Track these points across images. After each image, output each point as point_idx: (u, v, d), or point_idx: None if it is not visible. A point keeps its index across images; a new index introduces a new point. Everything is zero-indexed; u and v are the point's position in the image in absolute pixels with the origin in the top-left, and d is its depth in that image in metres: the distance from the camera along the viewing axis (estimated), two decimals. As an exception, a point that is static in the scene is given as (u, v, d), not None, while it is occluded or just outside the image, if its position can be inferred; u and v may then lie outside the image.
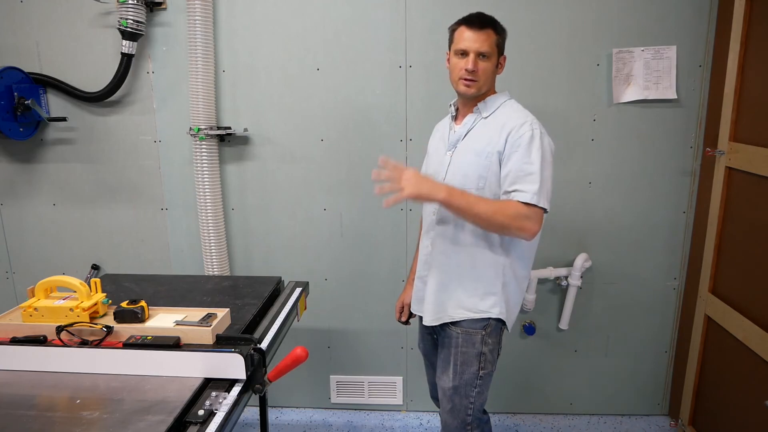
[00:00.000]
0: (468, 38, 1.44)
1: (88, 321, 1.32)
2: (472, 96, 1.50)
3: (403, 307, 1.83)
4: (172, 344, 1.26)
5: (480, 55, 1.44)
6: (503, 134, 1.44)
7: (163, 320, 1.36)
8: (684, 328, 2.27)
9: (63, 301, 1.36)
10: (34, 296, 1.38)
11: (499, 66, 1.51)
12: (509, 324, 1.59)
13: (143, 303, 1.35)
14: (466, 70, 1.45)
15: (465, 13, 1.50)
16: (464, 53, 1.46)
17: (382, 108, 2.19)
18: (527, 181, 1.39)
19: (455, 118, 1.61)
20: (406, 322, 1.86)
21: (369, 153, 2.23)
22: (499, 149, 1.44)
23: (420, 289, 1.67)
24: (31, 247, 2.44)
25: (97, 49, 2.20)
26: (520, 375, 2.44)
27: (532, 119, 1.45)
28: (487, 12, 1.50)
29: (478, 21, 1.45)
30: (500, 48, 1.49)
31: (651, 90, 2.09)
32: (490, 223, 1.40)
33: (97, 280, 1.42)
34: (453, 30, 1.51)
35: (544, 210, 1.40)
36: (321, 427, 2.42)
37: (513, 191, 1.39)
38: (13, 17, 2.20)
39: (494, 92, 1.55)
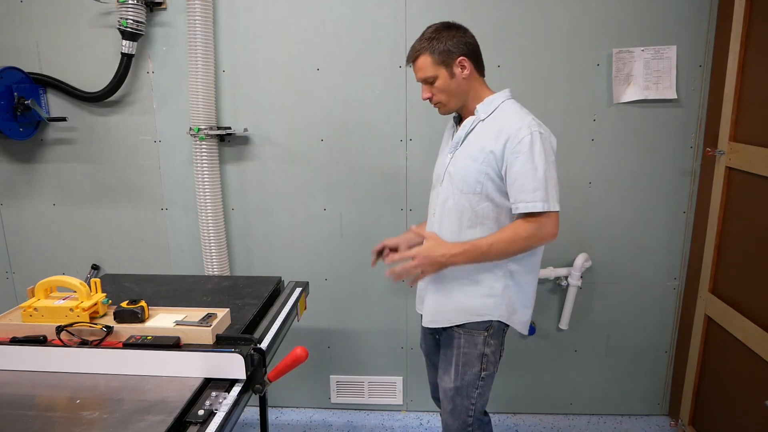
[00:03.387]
0: (414, 74, 1.52)
1: (88, 321, 1.32)
2: (449, 113, 1.56)
3: (383, 248, 1.72)
4: (172, 344, 1.26)
5: (426, 82, 1.50)
6: (500, 140, 1.42)
7: (163, 320, 1.36)
8: (684, 328, 2.27)
9: (63, 301, 1.36)
10: (34, 296, 1.38)
11: (460, 69, 1.46)
12: (518, 326, 1.58)
13: (143, 303, 1.36)
14: (424, 99, 1.53)
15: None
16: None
17: (382, 108, 2.19)
18: (534, 189, 1.38)
19: (459, 120, 1.61)
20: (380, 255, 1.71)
21: (369, 153, 2.23)
22: (495, 153, 1.42)
23: (422, 289, 1.67)
24: (31, 247, 2.44)
25: (97, 49, 2.20)
26: (520, 375, 2.44)
27: (529, 120, 1.42)
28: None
29: (410, 55, 1.51)
30: (445, 61, 1.45)
31: (651, 90, 2.09)
32: (512, 254, 1.46)
33: (97, 280, 1.42)
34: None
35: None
36: (321, 427, 2.42)
37: (521, 201, 1.40)
38: (13, 17, 2.20)
39: (489, 93, 1.53)
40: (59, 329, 1.29)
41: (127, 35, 2.09)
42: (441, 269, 1.47)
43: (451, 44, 1.45)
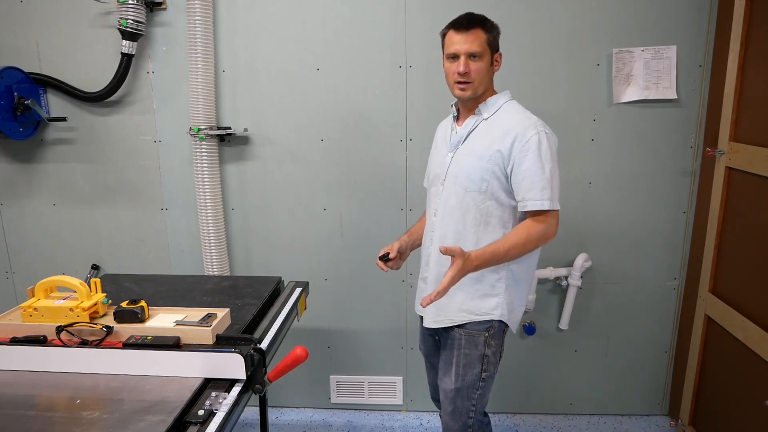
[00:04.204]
0: (457, 41, 1.44)
1: (88, 321, 1.32)
2: (469, 98, 1.49)
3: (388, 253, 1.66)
4: (172, 344, 1.26)
5: (471, 56, 1.43)
6: (508, 139, 1.43)
7: (163, 320, 1.36)
8: (684, 328, 2.27)
9: (63, 301, 1.36)
10: (34, 296, 1.38)
11: (495, 63, 1.49)
12: (513, 325, 1.59)
13: (143, 303, 1.36)
14: (458, 73, 1.44)
15: (464, 13, 1.50)
16: (455, 56, 1.45)
17: (382, 108, 2.19)
18: (542, 188, 1.40)
19: (457, 118, 1.61)
20: (384, 259, 1.65)
21: (369, 153, 2.23)
22: (502, 151, 1.43)
23: (423, 290, 1.67)
24: (31, 247, 2.44)
25: (97, 49, 2.20)
26: (520, 375, 2.44)
27: (535, 121, 1.45)
28: (487, 12, 1.50)
29: (466, 22, 1.44)
30: (492, 46, 1.47)
31: (651, 90, 2.09)
32: (524, 254, 1.45)
33: (97, 280, 1.42)
34: (443, 35, 1.51)
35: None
36: (321, 427, 2.42)
37: (530, 199, 1.41)
38: (13, 17, 2.20)
39: (494, 92, 1.55)
40: (59, 329, 1.29)
41: (127, 35, 2.09)
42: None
43: (497, 36, 1.49)
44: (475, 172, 1.47)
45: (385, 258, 1.65)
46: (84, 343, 1.29)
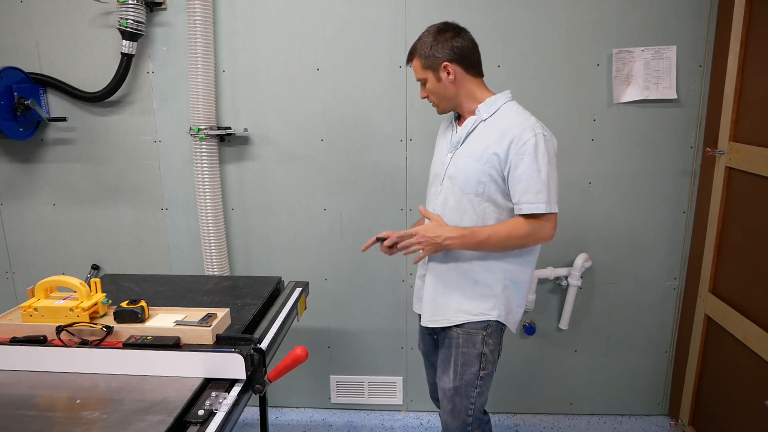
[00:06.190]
0: None
1: (88, 321, 1.32)
2: (443, 113, 1.59)
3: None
4: (172, 344, 1.26)
5: (420, 83, 1.55)
6: (505, 141, 1.43)
7: (163, 320, 1.36)
8: (684, 328, 2.27)
9: (63, 301, 1.36)
10: (34, 296, 1.38)
11: (447, 75, 1.47)
12: (512, 326, 1.59)
13: (143, 303, 1.36)
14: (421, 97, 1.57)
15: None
16: None
17: (382, 108, 2.19)
18: (538, 191, 1.40)
19: (458, 118, 1.61)
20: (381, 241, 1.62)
21: (369, 153, 2.23)
22: (499, 154, 1.43)
23: (420, 288, 1.68)
24: (31, 247, 2.44)
25: (97, 49, 2.20)
26: (520, 375, 2.44)
27: (533, 122, 1.44)
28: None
29: (407, 55, 1.56)
30: (431, 65, 1.48)
31: (651, 90, 2.09)
32: (506, 249, 1.48)
33: (97, 280, 1.42)
34: None
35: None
36: (321, 427, 2.42)
37: (525, 202, 1.42)
38: (13, 17, 2.20)
39: (489, 93, 1.53)
40: (59, 329, 1.29)
41: (127, 35, 2.09)
42: (438, 250, 1.50)
43: (436, 50, 1.47)
44: (473, 175, 1.47)
45: (381, 240, 1.62)
46: (84, 343, 1.29)
